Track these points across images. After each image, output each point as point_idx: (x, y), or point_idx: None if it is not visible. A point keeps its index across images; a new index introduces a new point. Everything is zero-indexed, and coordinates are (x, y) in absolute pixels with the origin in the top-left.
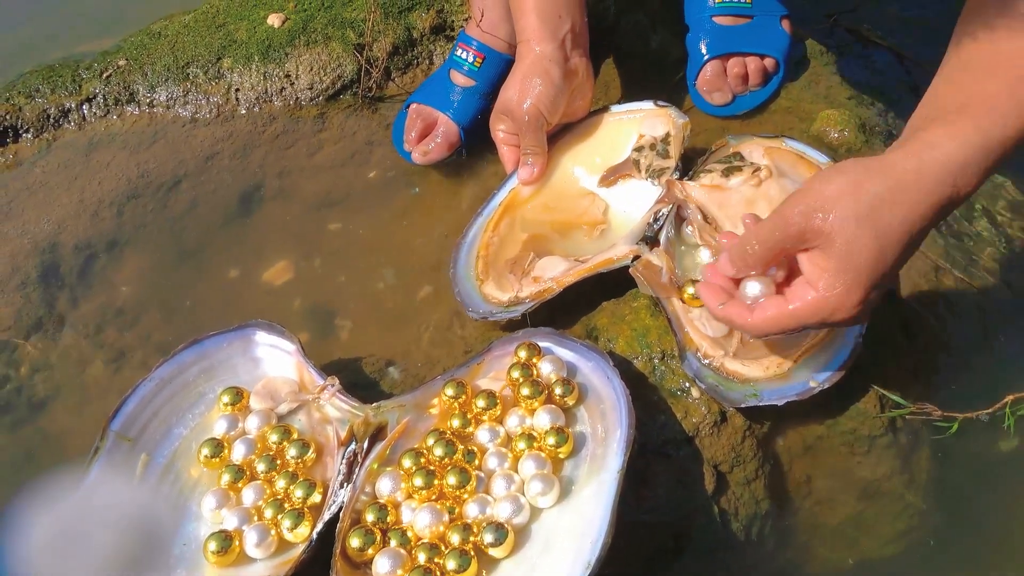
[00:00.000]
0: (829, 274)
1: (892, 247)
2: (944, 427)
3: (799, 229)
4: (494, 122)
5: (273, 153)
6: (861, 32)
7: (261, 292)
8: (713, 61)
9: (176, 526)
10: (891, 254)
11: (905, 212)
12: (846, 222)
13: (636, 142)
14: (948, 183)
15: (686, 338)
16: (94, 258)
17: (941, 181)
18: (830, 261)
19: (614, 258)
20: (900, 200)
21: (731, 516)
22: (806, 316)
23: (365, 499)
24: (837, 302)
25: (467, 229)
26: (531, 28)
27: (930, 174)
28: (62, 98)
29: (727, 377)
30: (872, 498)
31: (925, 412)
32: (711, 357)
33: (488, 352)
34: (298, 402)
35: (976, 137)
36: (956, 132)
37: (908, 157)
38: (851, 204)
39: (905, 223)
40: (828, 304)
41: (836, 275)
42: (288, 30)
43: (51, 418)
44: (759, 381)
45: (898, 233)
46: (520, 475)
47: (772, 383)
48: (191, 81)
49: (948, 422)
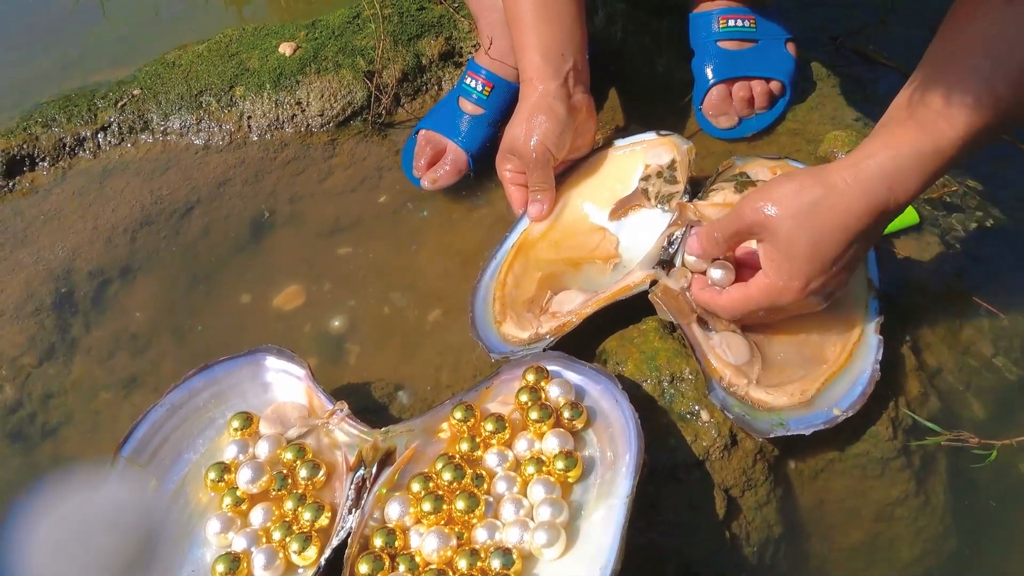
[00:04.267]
0: (775, 263)
1: (826, 243)
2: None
3: (750, 221)
4: (501, 162)
5: (284, 179)
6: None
7: (272, 317)
8: (719, 85)
9: (184, 551)
10: (826, 250)
11: (838, 214)
12: (785, 220)
13: (643, 172)
14: (882, 189)
15: (709, 366)
16: (107, 284)
17: (875, 185)
18: (775, 252)
19: (631, 284)
20: (834, 204)
21: (743, 541)
22: (760, 298)
23: (374, 524)
24: (783, 286)
25: (481, 273)
26: (534, 67)
27: (863, 181)
28: (78, 127)
29: (753, 406)
30: (886, 522)
31: (961, 440)
32: (736, 385)
33: (497, 376)
34: (307, 427)
35: (907, 148)
36: (891, 141)
37: (848, 166)
38: (792, 204)
39: (839, 223)
40: (775, 288)
41: (779, 264)
42: (299, 58)
43: (63, 444)
44: (784, 410)
45: (831, 231)
46: (529, 500)
47: (797, 411)
48: (204, 109)
49: (986, 450)
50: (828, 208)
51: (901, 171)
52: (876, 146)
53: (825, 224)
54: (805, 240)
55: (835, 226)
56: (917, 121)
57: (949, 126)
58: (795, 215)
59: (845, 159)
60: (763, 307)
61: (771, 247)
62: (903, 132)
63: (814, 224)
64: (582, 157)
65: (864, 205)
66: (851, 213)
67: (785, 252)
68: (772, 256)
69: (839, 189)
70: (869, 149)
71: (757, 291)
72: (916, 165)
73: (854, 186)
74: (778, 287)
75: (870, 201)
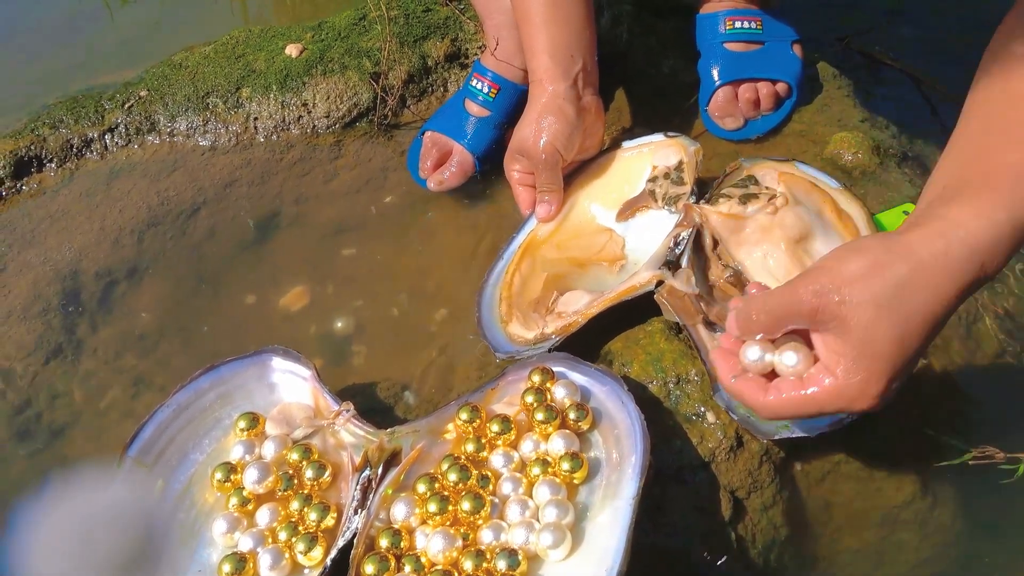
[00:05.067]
0: (847, 360)
1: (914, 334)
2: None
3: (811, 308)
4: (509, 162)
5: (290, 180)
6: (874, 54)
7: (278, 318)
8: (725, 87)
9: (191, 552)
10: (913, 342)
11: (928, 297)
12: (864, 307)
13: (650, 173)
14: (975, 264)
15: (714, 368)
16: (114, 285)
17: (968, 263)
18: (847, 347)
19: (637, 285)
20: (924, 284)
21: (749, 543)
22: (825, 402)
23: (379, 525)
24: (857, 391)
25: (488, 273)
26: (543, 68)
27: (957, 256)
28: (85, 128)
29: None
30: (894, 524)
31: (988, 456)
32: None
33: (502, 377)
34: (313, 428)
35: (1003, 214)
36: (982, 210)
37: (933, 238)
38: (870, 288)
39: (928, 308)
40: (848, 392)
41: (855, 362)
42: (305, 60)
43: (70, 444)
44: None
45: (920, 319)
46: (535, 501)
47: None
48: (210, 111)
49: (1013, 464)
50: (915, 290)
51: (997, 243)
52: (964, 214)
53: (914, 310)
54: (891, 333)
55: (924, 312)
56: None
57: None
58: (876, 301)
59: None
60: (827, 412)
61: (839, 341)
62: (992, 197)
63: (900, 311)
64: (590, 158)
65: (957, 284)
66: (940, 294)
67: (863, 347)
68: (841, 351)
69: (927, 266)
70: (955, 216)
71: (823, 395)
72: (1009, 235)
73: (945, 262)
74: (851, 391)
75: (963, 278)
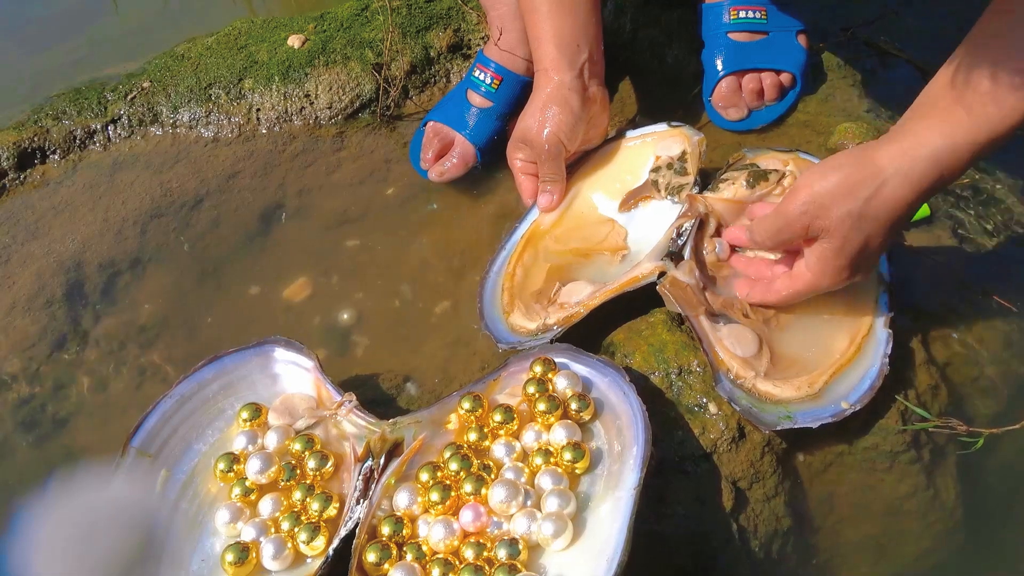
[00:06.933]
0: (822, 261)
1: (878, 235)
2: (970, 443)
3: (803, 225)
4: (512, 151)
5: (293, 172)
6: (878, 45)
7: (280, 309)
8: (728, 77)
9: (195, 542)
10: (876, 241)
11: (891, 207)
12: (844, 220)
13: (653, 163)
14: (935, 176)
15: (716, 358)
16: (117, 276)
17: (928, 175)
18: (826, 251)
19: (640, 276)
20: (887, 197)
21: (751, 534)
22: (805, 292)
23: (381, 515)
24: (829, 281)
25: (490, 264)
26: (549, 57)
27: (920, 171)
28: (88, 120)
29: (760, 399)
30: (895, 515)
31: (950, 426)
32: (743, 378)
33: (504, 368)
34: (316, 418)
35: (963, 135)
36: (944, 128)
37: (899, 157)
38: (845, 204)
39: (891, 217)
40: (822, 283)
41: (829, 262)
42: (308, 51)
43: (74, 434)
44: (791, 402)
45: (883, 226)
46: (536, 490)
47: (804, 404)
48: (213, 102)
49: (973, 437)
50: (881, 203)
51: (954, 159)
52: (927, 132)
53: (880, 217)
54: (860, 240)
55: (887, 219)
56: (966, 106)
57: (998, 110)
58: (851, 214)
59: (892, 141)
60: (804, 295)
61: (821, 246)
62: (953, 117)
63: (869, 218)
64: (593, 148)
65: (915, 195)
66: (901, 204)
67: (837, 251)
68: (821, 255)
69: (890, 180)
70: (920, 135)
71: (805, 286)
72: (968, 152)
73: (908, 176)
74: (824, 283)
75: (920, 190)
